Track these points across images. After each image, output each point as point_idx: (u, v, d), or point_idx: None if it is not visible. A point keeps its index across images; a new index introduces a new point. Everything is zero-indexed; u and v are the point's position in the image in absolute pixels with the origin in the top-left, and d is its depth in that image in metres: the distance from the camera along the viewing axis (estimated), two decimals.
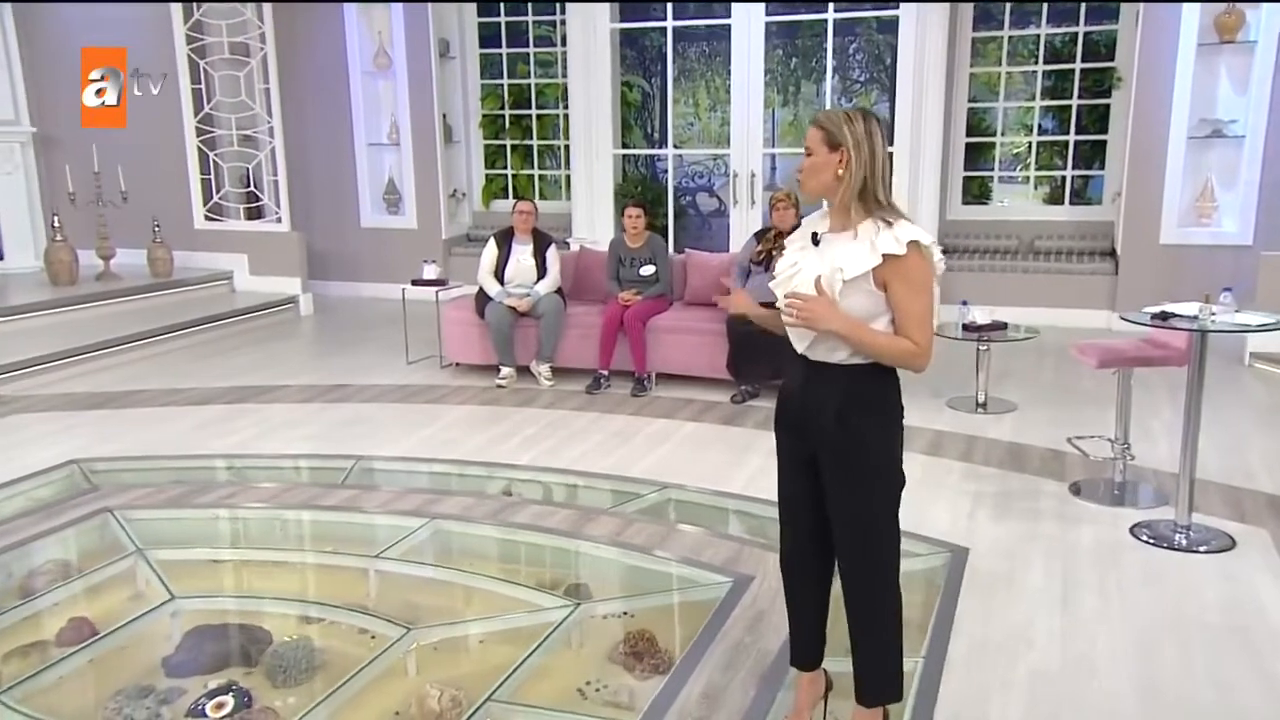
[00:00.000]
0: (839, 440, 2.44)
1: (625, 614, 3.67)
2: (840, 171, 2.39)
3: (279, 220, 9.77)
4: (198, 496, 4.79)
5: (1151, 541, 4.05)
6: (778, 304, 2.51)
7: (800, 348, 2.48)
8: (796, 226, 6.59)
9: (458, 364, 7.19)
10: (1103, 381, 6.28)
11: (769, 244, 6.32)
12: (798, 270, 2.46)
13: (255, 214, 10.09)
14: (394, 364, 7.39)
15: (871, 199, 2.41)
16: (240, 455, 5.46)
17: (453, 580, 3.98)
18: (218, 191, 10.01)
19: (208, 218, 10.02)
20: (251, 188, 10.04)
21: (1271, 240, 7.56)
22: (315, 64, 10.14)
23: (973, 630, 3.36)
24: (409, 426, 5.89)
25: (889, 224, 2.38)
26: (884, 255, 2.35)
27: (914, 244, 2.36)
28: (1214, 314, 3.84)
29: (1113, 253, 8.62)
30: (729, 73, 9.02)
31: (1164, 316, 3.90)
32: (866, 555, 2.50)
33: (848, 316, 2.37)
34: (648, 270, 6.74)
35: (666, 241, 7.33)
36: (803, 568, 2.69)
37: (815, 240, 2.47)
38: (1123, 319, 4.13)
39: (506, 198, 10.48)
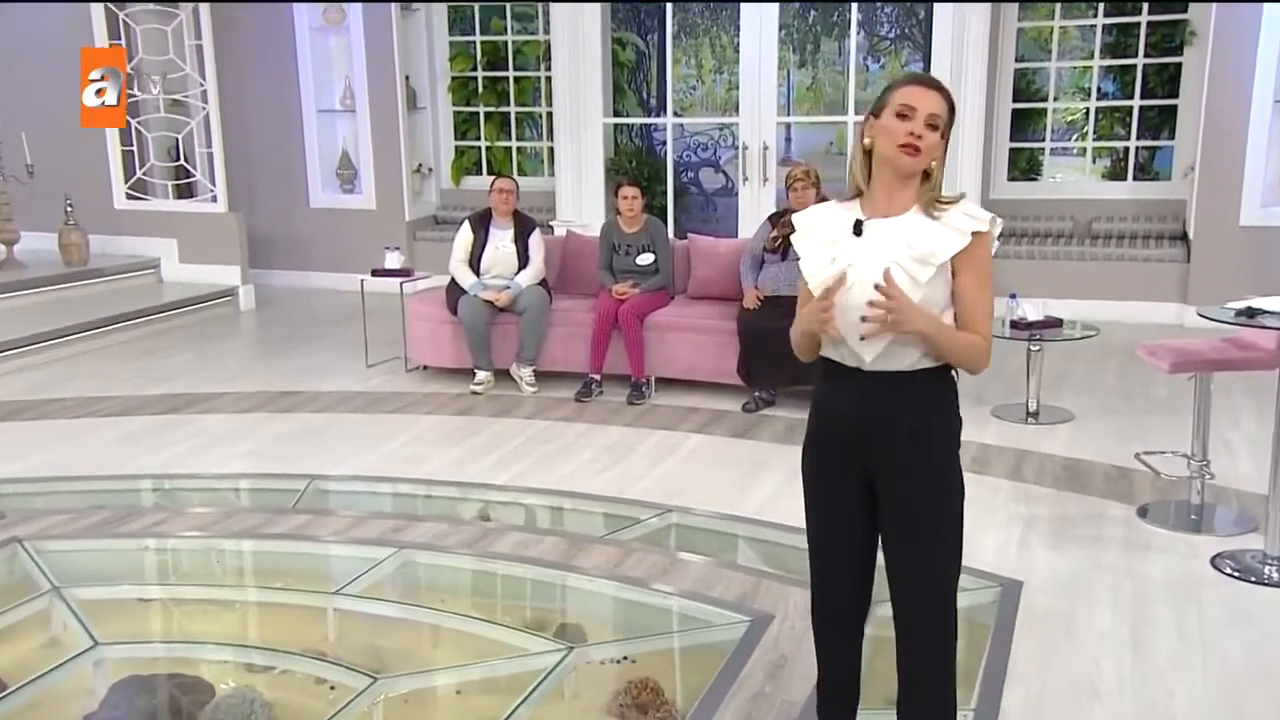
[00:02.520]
0: (912, 464, 2.44)
1: (624, 659, 3.68)
2: (934, 162, 2.43)
3: (214, 199, 9.75)
4: (123, 524, 4.77)
5: (1236, 574, 4.07)
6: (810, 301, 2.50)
7: (869, 357, 2.44)
8: None
9: (425, 367, 7.19)
10: (1177, 387, 6.32)
11: (786, 229, 6.29)
12: (849, 265, 2.44)
13: (186, 192, 10.08)
14: (351, 367, 7.39)
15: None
16: (173, 475, 5.45)
17: (425, 620, 3.98)
18: (142, 166, 10.00)
19: (130, 196, 10.00)
20: (182, 161, 10.02)
21: None
22: (256, 17, 10.12)
23: (1030, 679, 3.37)
24: (370, 440, 5.89)
25: (947, 203, 2.41)
26: (973, 234, 2.39)
27: (991, 222, 2.41)
28: None
29: (1184, 236, 8.64)
30: (738, 28, 9.03)
31: (1250, 313, 3.91)
32: (932, 598, 2.51)
33: (929, 312, 2.39)
34: (646, 259, 6.75)
35: (666, 225, 7.34)
36: (845, 616, 2.68)
37: (858, 229, 2.45)
38: (1201, 315, 4.14)
39: (480, 173, 10.47)
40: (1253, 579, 4.03)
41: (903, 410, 2.45)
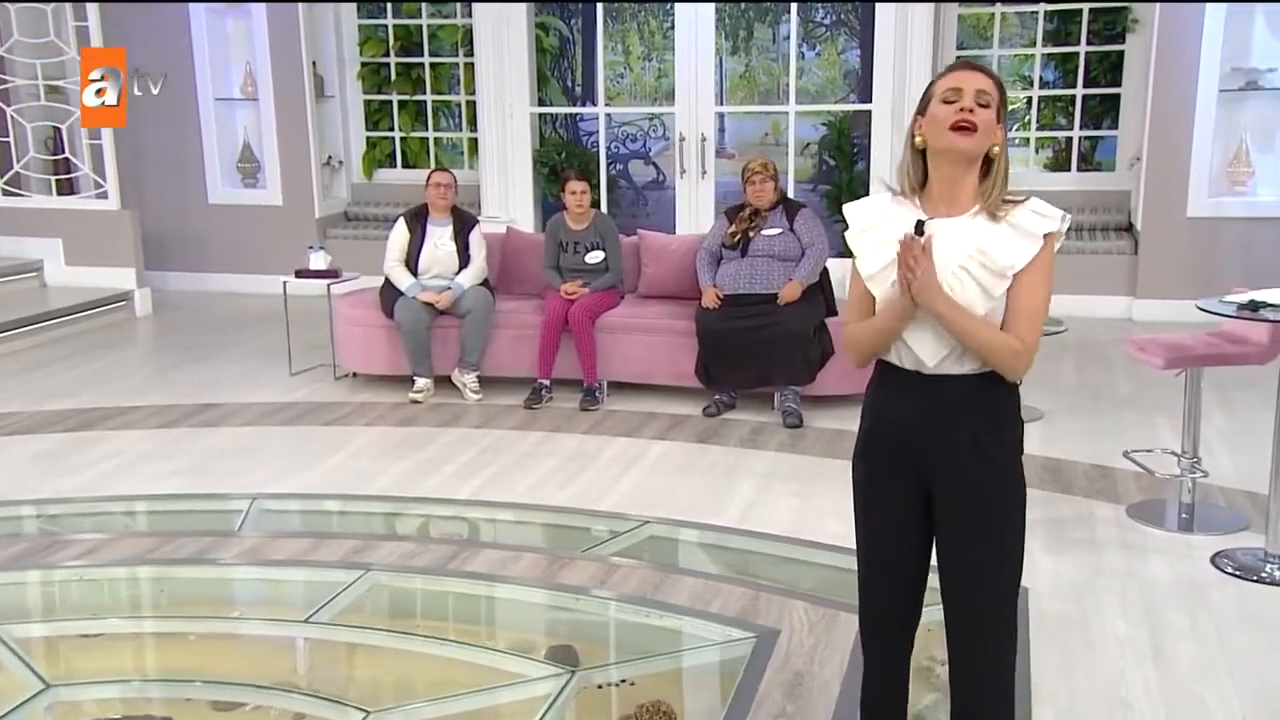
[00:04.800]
0: (976, 470, 2.47)
1: (623, 682, 3.66)
2: (996, 148, 2.44)
3: (104, 195, 9.44)
4: (51, 553, 4.60)
5: (1238, 574, 4.21)
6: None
7: (931, 362, 2.45)
8: (778, 203, 6.63)
9: (355, 374, 7.07)
10: (1140, 383, 6.56)
11: (744, 224, 6.35)
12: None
13: (67, 188, 9.75)
14: (273, 376, 7.22)
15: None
16: (96, 498, 5.26)
17: (407, 648, 3.91)
18: (18, 159, 9.64)
19: (6, 192, 9.63)
20: (66, 153, 9.69)
21: None
22: None
23: (1056, 690, 3.44)
24: (309, 455, 5.78)
25: (1014, 202, 2.43)
26: (1045, 235, 2.41)
27: (1061, 219, 2.45)
28: None
29: (1130, 228, 8.91)
30: (666, 12, 9.05)
31: (1254, 306, 4.04)
32: (991, 612, 2.54)
33: (950, 296, 2.40)
34: (595, 257, 6.71)
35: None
36: (897, 628, 2.70)
37: (919, 229, 2.46)
38: (1201, 309, 4.27)
39: (394, 166, 10.36)
40: (1255, 578, 4.18)
41: (966, 416, 2.47)
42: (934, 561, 2.63)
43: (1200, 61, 8.20)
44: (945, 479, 2.50)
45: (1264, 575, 4.18)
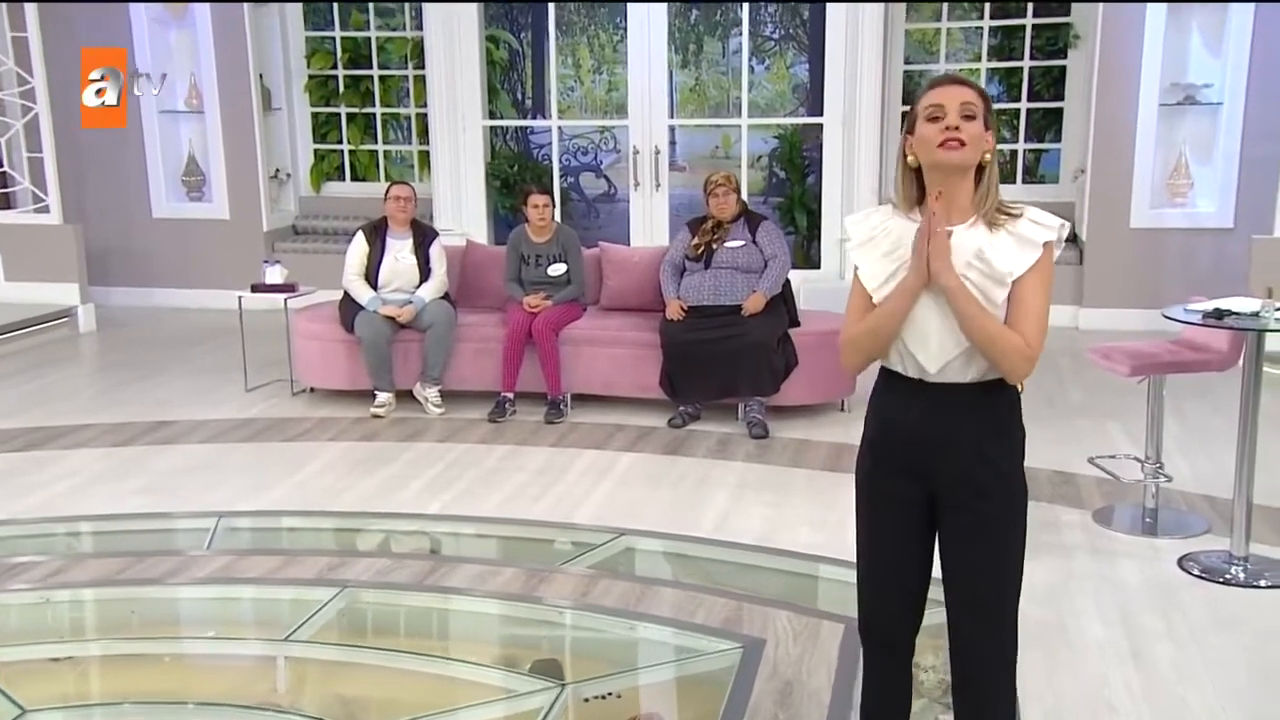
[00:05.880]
0: (979, 476, 2.51)
1: (610, 695, 3.65)
2: (987, 155, 2.46)
3: (45, 209, 9.26)
4: (14, 576, 4.49)
5: (1204, 576, 4.30)
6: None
7: (933, 369, 2.50)
8: (740, 215, 6.67)
9: (313, 390, 7.00)
10: (1092, 390, 6.69)
11: (707, 235, 6.38)
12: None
13: (7, 201, 9.56)
14: (228, 392, 7.12)
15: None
16: (56, 518, 5.15)
17: (391, 665, 3.86)
18: None
19: None
20: (5, 167, 9.49)
21: (1255, 222, 8.11)
22: (86, 8, 9.66)
23: (1042, 694, 3.49)
24: (273, 472, 5.70)
25: (1012, 214, 2.47)
26: (1044, 244, 2.44)
27: (1060, 228, 2.48)
28: (1279, 310, 4.11)
29: (1074, 239, 9.08)
30: (617, 25, 9.07)
31: (1219, 315, 4.14)
32: (992, 618, 2.58)
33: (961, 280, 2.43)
34: (557, 269, 6.71)
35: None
36: (898, 635, 2.73)
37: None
38: (1166, 317, 4.38)
39: (342, 179, 10.30)
40: (1220, 579, 4.27)
41: (970, 423, 2.51)
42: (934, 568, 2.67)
43: (1140, 76, 8.38)
44: (949, 485, 2.54)
45: (1229, 577, 4.28)
